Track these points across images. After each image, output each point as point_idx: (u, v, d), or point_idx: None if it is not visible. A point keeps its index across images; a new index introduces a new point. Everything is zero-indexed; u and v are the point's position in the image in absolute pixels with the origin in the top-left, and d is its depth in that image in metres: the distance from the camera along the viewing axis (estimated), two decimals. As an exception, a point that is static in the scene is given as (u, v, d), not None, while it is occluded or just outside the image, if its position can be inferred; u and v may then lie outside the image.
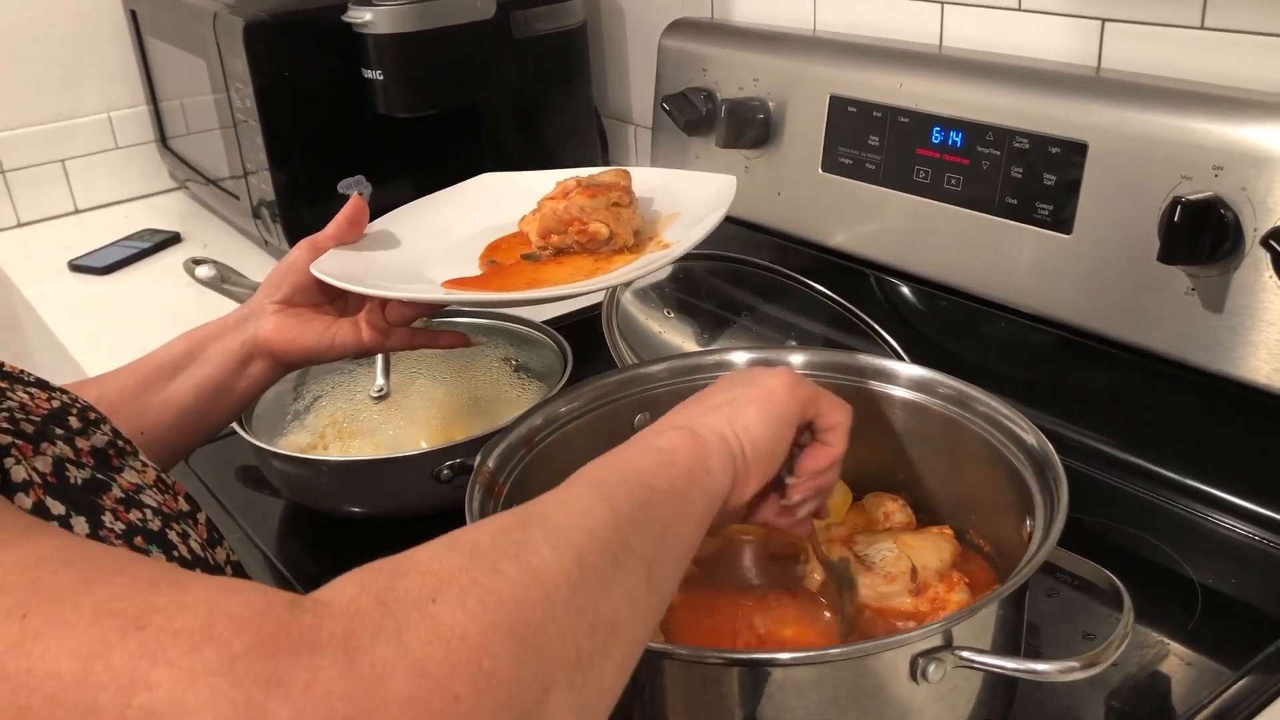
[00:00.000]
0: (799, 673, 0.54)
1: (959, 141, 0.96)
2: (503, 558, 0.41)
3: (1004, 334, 0.98)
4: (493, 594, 0.39)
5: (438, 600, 0.37)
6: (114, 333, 1.30)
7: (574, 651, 0.40)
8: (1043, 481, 0.64)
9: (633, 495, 0.48)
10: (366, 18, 1.25)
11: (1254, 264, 0.78)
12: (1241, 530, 0.83)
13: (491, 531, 0.43)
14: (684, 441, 0.55)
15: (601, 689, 0.42)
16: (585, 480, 0.49)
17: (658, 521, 0.48)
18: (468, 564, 0.40)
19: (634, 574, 0.45)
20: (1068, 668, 0.54)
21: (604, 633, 0.42)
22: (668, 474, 0.51)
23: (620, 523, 0.46)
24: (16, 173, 1.65)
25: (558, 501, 0.47)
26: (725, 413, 0.58)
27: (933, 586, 0.69)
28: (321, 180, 1.32)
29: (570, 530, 0.44)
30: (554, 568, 0.41)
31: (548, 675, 0.38)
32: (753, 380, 0.61)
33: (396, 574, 0.39)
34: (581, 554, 0.43)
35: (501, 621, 0.38)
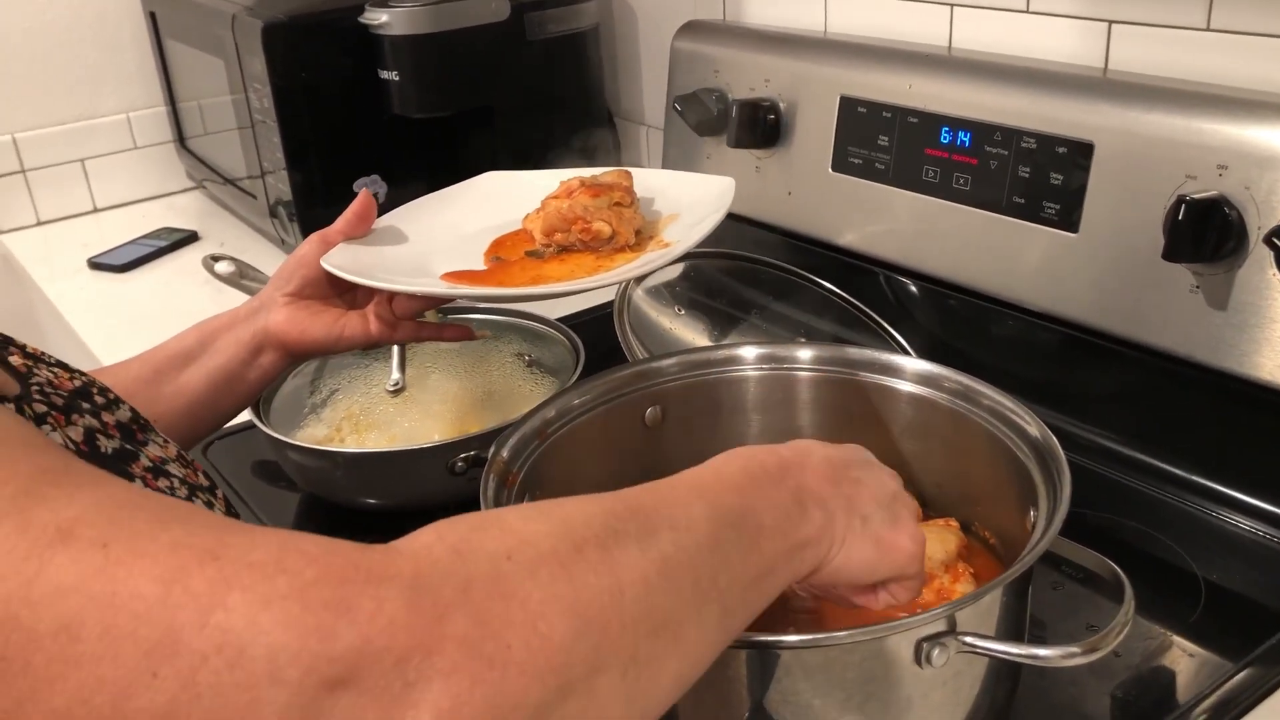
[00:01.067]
0: (806, 656, 0.55)
1: (967, 141, 0.97)
2: (590, 540, 0.42)
3: (1011, 332, 0.99)
4: (565, 571, 0.40)
5: (512, 558, 0.39)
6: (132, 329, 1.32)
7: (632, 646, 0.41)
8: (1046, 472, 0.65)
9: (741, 539, 0.48)
10: (383, 19, 1.27)
11: (1258, 262, 0.79)
12: (1245, 525, 0.84)
13: (588, 511, 0.44)
14: (812, 527, 0.52)
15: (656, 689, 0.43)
16: (708, 500, 0.49)
17: (750, 572, 0.48)
18: (553, 534, 0.41)
19: (709, 605, 0.46)
20: (1069, 653, 0.55)
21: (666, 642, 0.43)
22: (779, 545, 0.50)
23: (716, 558, 0.46)
24: (37, 172, 1.67)
25: (669, 505, 0.47)
26: (855, 528, 0.55)
27: (938, 578, 0.70)
28: (337, 180, 1.34)
29: (666, 542, 0.44)
30: (635, 570, 0.42)
31: (600, 658, 0.39)
32: (896, 517, 0.57)
33: (477, 527, 0.40)
34: (667, 566, 0.44)
35: (565, 596, 0.39)
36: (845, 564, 0.54)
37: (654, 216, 0.85)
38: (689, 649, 0.45)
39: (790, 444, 0.57)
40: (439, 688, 0.35)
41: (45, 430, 0.49)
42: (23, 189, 1.67)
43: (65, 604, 0.33)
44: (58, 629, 0.33)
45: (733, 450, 0.55)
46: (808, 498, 0.53)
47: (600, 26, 1.46)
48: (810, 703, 0.56)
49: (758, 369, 0.80)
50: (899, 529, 0.56)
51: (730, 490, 0.50)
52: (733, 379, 0.81)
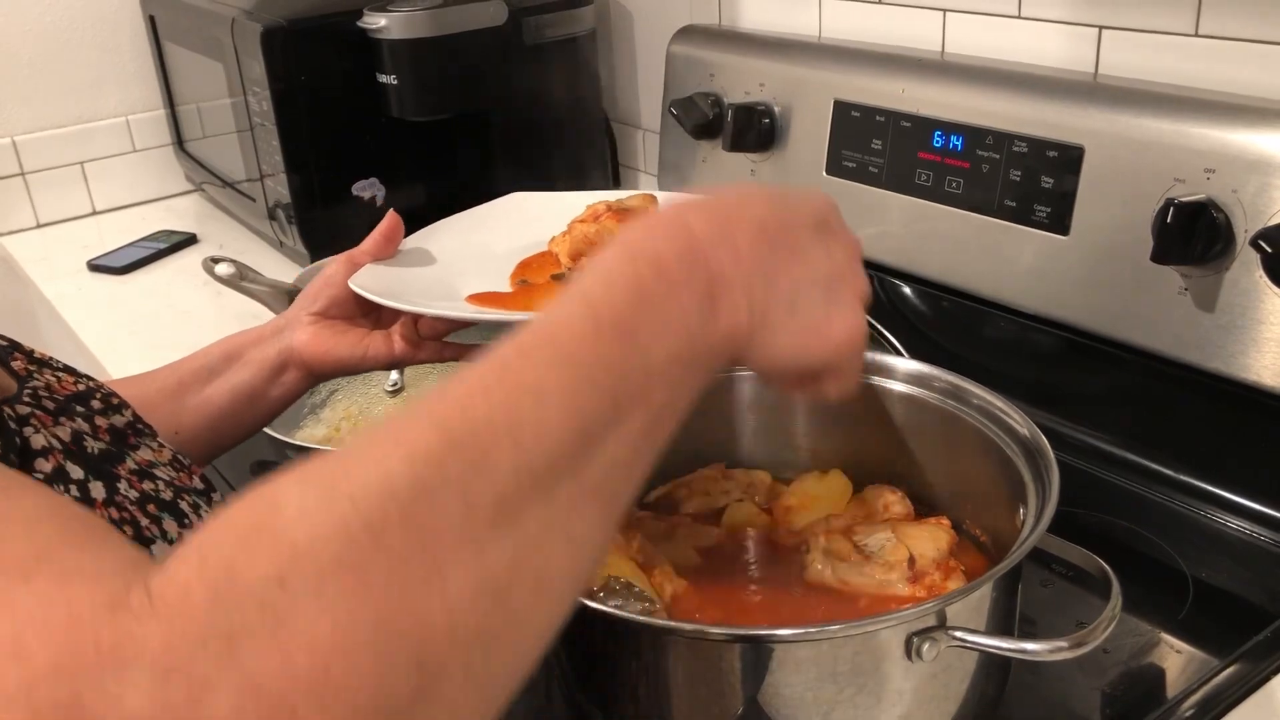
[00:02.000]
0: (798, 649, 0.56)
1: (959, 145, 0.98)
2: (392, 519, 0.32)
3: (1003, 333, 1.00)
4: (360, 577, 0.31)
5: (286, 584, 0.31)
6: (132, 331, 1.33)
7: (471, 631, 0.33)
8: (1035, 470, 0.66)
9: (617, 410, 0.38)
10: (381, 23, 1.28)
11: (1245, 264, 0.80)
12: (1233, 524, 0.85)
13: (392, 467, 0.34)
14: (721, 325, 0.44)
15: (515, 656, 0.35)
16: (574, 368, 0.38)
17: (634, 437, 0.39)
18: (341, 528, 0.32)
19: (582, 513, 0.37)
20: (1056, 647, 0.56)
21: (521, 598, 0.35)
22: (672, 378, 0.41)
23: (582, 447, 0.37)
24: (36, 174, 1.68)
25: (513, 406, 0.36)
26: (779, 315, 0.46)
27: (929, 574, 0.70)
28: (336, 183, 1.35)
29: (505, 474, 0.35)
30: (458, 532, 0.33)
31: (429, 667, 0.32)
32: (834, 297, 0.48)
33: (245, 541, 0.32)
34: (506, 507, 0.34)
35: (364, 615, 0.31)
36: (762, 354, 0.46)
37: None
38: (556, 582, 0.36)
39: (722, 194, 0.48)
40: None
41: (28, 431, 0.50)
42: (22, 191, 1.67)
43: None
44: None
45: (620, 241, 0.44)
46: (719, 289, 0.44)
47: (597, 31, 1.47)
48: (802, 696, 0.57)
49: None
50: (832, 316, 0.48)
51: (610, 331, 0.40)
52: (728, 379, 0.82)
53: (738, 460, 0.84)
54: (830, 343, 0.49)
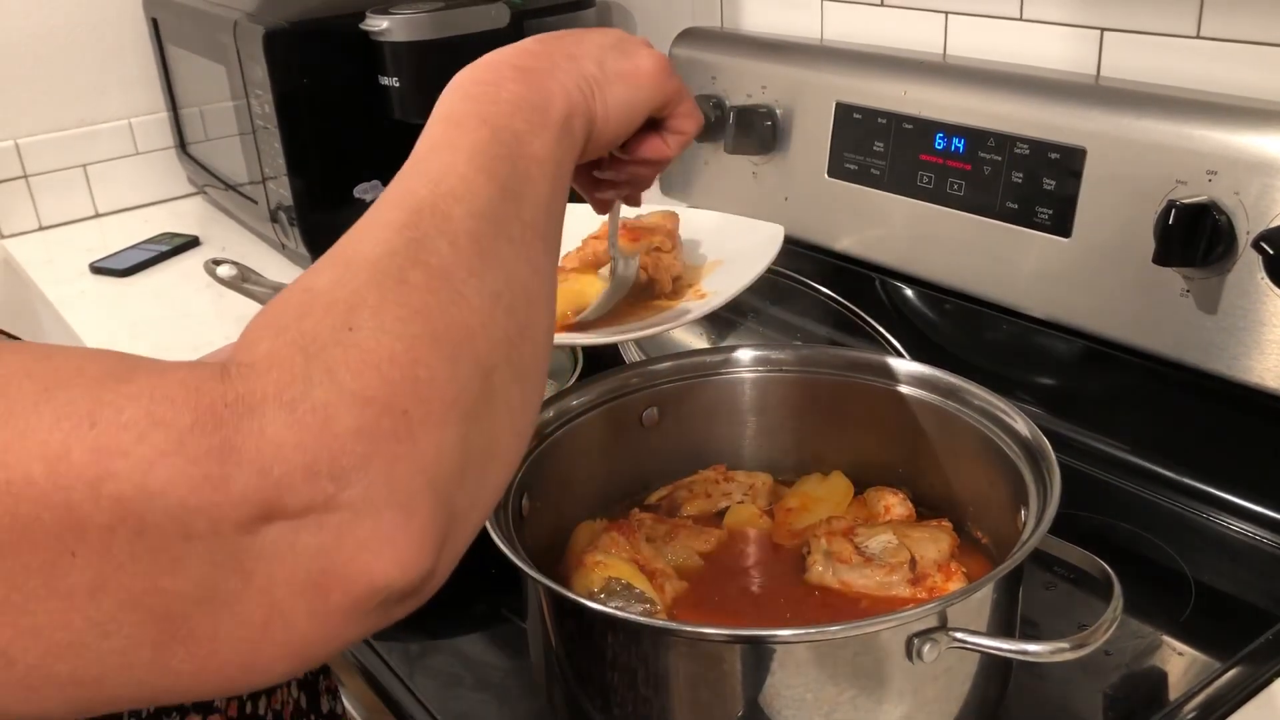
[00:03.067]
0: (799, 650, 0.56)
1: (961, 147, 0.98)
2: (405, 265, 0.41)
3: (1005, 336, 1.00)
4: (405, 307, 0.39)
5: (354, 328, 0.38)
6: (134, 333, 1.33)
7: (500, 333, 0.41)
8: (1036, 471, 0.66)
9: (515, 168, 0.47)
10: (384, 26, 1.28)
11: (1247, 266, 0.80)
12: (1235, 527, 0.85)
13: (383, 236, 0.42)
14: (553, 96, 0.52)
15: (536, 356, 0.44)
16: (461, 147, 0.47)
17: (542, 190, 0.48)
18: (371, 281, 0.40)
19: (532, 246, 0.46)
20: (1058, 649, 0.56)
21: (522, 309, 0.43)
22: (542, 136, 0.50)
23: (509, 199, 0.46)
24: (39, 177, 1.68)
25: (442, 183, 0.45)
26: (591, 73, 0.55)
27: (931, 576, 0.70)
28: (339, 185, 1.35)
29: (463, 219, 0.43)
30: (456, 263, 0.42)
31: (482, 361, 0.40)
32: (626, 51, 0.58)
33: (303, 313, 0.39)
34: (480, 242, 0.43)
35: (421, 331, 0.38)
36: (609, 111, 0.55)
37: (699, 261, 0.84)
38: (541, 300, 0.45)
39: (482, 60, 0.56)
40: (360, 485, 0.35)
41: None
42: (25, 194, 1.68)
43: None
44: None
45: (443, 91, 0.53)
46: (536, 76, 0.52)
47: (599, 34, 1.47)
48: (803, 697, 0.56)
49: (753, 371, 0.81)
50: (634, 57, 0.57)
51: (471, 124, 0.48)
52: (728, 380, 0.82)
53: (739, 462, 0.84)
54: (647, 74, 0.57)
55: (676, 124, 0.62)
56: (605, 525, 0.76)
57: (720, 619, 0.69)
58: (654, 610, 0.67)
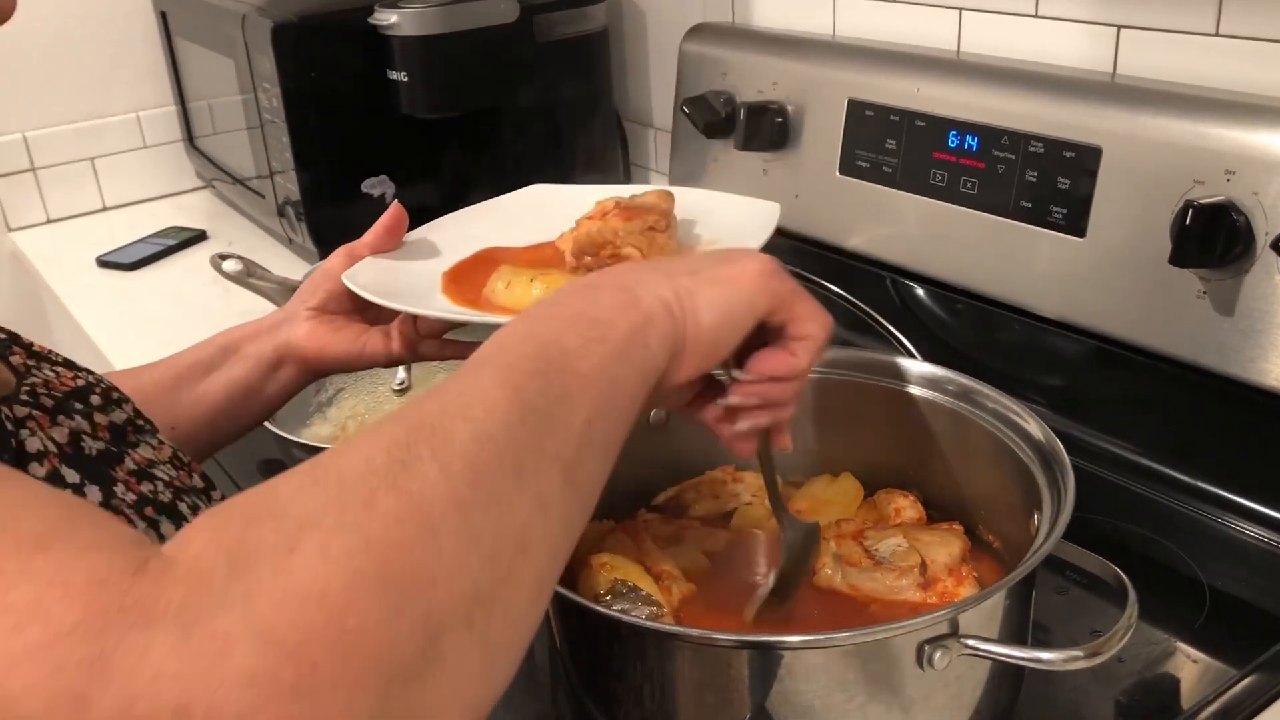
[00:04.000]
0: (807, 656, 0.55)
1: (975, 145, 0.97)
2: (379, 488, 0.36)
3: (1019, 337, 0.99)
4: (360, 536, 0.34)
5: (295, 550, 0.33)
6: (141, 327, 1.33)
7: (469, 586, 0.35)
8: (1049, 475, 0.65)
9: (550, 385, 0.42)
10: (392, 20, 1.28)
11: (1265, 267, 0.79)
12: (1250, 533, 0.84)
13: (369, 453, 0.37)
14: (622, 310, 0.47)
15: (511, 618, 0.37)
16: (496, 364, 0.43)
17: (579, 414, 0.42)
18: (335, 500, 0.35)
19: (547, 479, 0.40)
20: (1071, 657, 0.55)
21: (508, 556, 0.37)
22: (597, 353, 0.44)
23: (531, 421, 0.40)
24: (47, 170, 1.68)
25: (457, 400, 0.40)
26: (681, 283, 0.50)
27: (941, 581, 0.70)
28: (346, 180, 1.34)
29: (466, 442, 0.38)
30: (440, 493, 0.36)
31: (433, 620, 0.34)
32: (728, 259, 0.53)
33: (251, 519, 0.34)
34: (478, 470, 0.37)
35: (369, 569, 0.33)
36: (701, 319, 0.50)
37: (693, 241, 0.82)
38: (540, 547, 0.39)
39: None
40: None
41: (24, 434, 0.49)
42: (33, 187, 1.67)
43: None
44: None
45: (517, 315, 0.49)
46: (602, 295, 0.48)
47: (609, 29, 1.46)
48: (811, 704, 0.56)
49: (762, 371, 0.80)
50: (737, 262, 0.52)
51: (519, 339, 0.44)
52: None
53: (747, 463, 0.82)
54: (749, 274, 0.52)
55: (797, 329, 0.55)
56: (612, 526, 0.75)
57: (727, 622, 0.68)
58: (660, 613, 0.66)
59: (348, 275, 0.76)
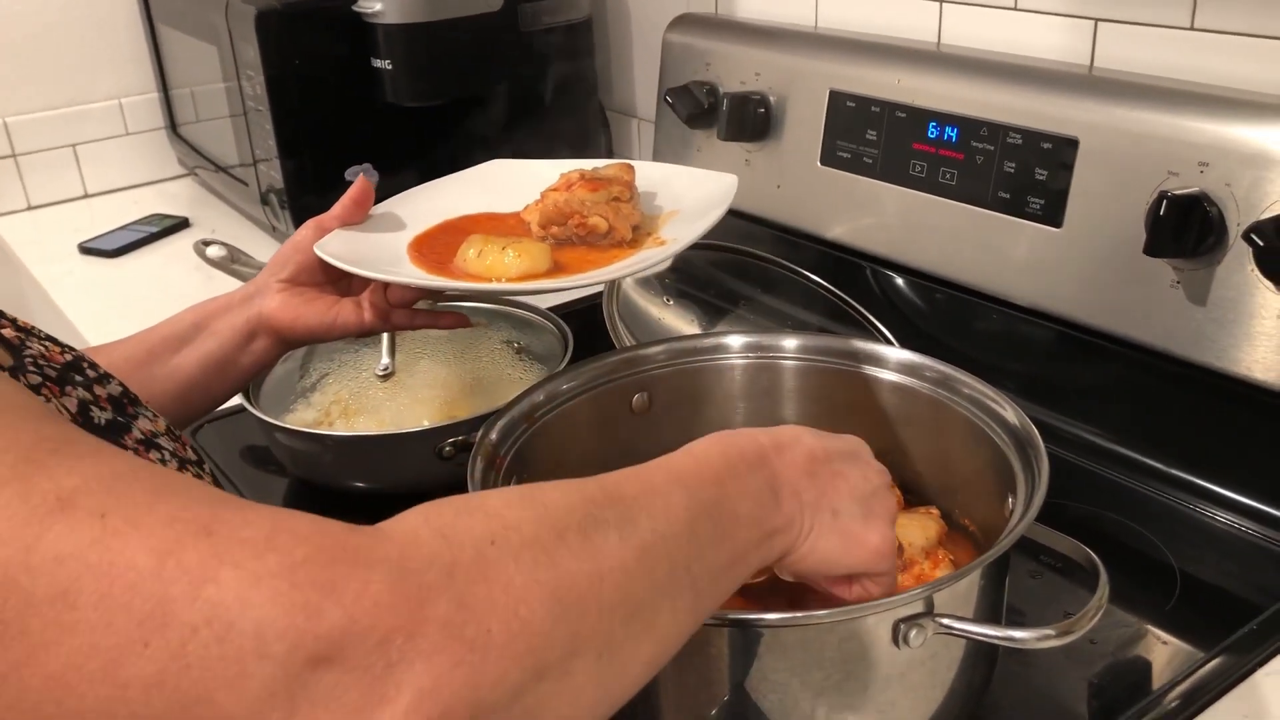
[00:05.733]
0: (785, 634, 0.56)
1: (954, 137, 0.98)
2: (572, 527, 0.43)
3: (997, 326, 1.00)
4: (548, 555, 0.41)
5: (496, 543, 0.40)
6: (123, 314, 1.32)
7: (608, 631, 0.42)
8: (1024, 459, 0.66)
9: (715, 530, 0.49)
10: (376, 8, 1.28)
11: (1237, 257, 0.80)
12: (1221, 518, 0.85)
13: (570, 498, 0.45)
14: (782, 516, 0.54)
15: (628, 672, 0.44)
16: (687, 488, 0.50)
17: (721, 562, 0.50)
18: (536, 520, 0.42)
19: (682, 591, 0.47)
20: (1043, 635, 0.56)
21: (641, 627, 0.44)
22: (751, 534, 0.52)
23: (692, 547, 0.48)
24: (28, 156, 1.67)
25: (649, 493, 0.48)
26: (825, 521, 0.55)
27: (918, 564, 0.71)
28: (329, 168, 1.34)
29: (645, 530, 0.45)
30: (614, 557, 0.43)
31: (577, 642, 0.41)
32: (870, 511, 0.58)
33: (463, 511, 0.41)
34: (645, 554, 0.45)
35: (546, 581, 0.40)
36: (811, 553, 0.55)
37: (655, 211, 0.85)
38: (661, 634, 0.46)
39: (778, 430, 0.58)
40: (420, 668, 0.36)
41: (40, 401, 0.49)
42: (14, 173, 1.67)
43: (63, 571, 0.34)
44: (55, 595, 0.34)
45: (715, 434, 0.55)
46: (782, 487, 0.54)
47: (593, 19, 1.46)
48: (788, 681, 0.57)
49: (744, 357, 0.81)
50: (870, 526, 0.57)
51: (709, 479, 0.51)
52: (719, 366, 0.82)
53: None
54: (866, 550, 0.56)
55: (867, 585, 0.58)
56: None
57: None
58: None
59: (319, 245, 0.78)
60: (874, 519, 0.57)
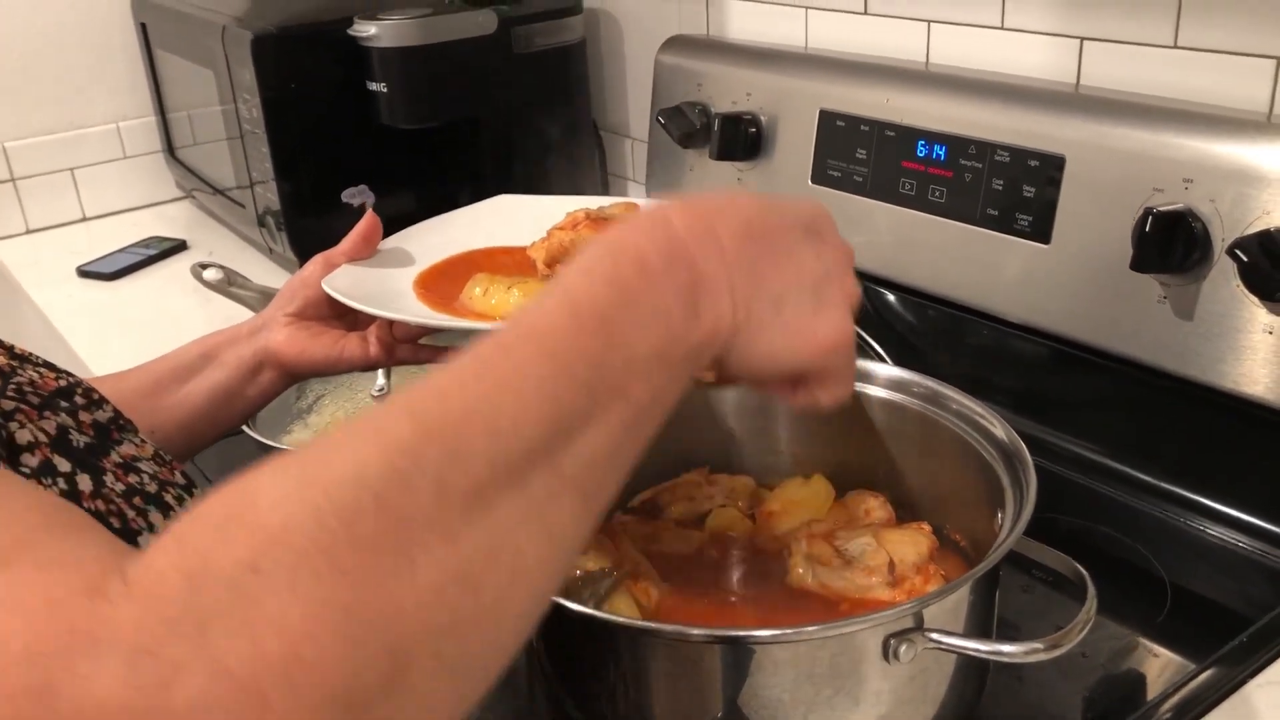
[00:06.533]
0: (776, 651, 0.56)
1: (943, 155, 0.99)
2: (367, 507, 0.33)
3: (987, 341, 1.01)
4: (331, 565, 0.32)
5: (260, 570, 0.31)
6: (121, 337, 1.33)
7: (444, 619, 0.33)
8: (1013, 474, 0.67)
9: (594, 405, 0.38)
10: (372, 31, 1.29)
11: (1223, 273, 0.81)
12: (1211, 531, 0.86)
13: (365, 456, 0.34)
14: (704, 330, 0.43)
15: (490, 645, 0.36)
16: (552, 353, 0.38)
17: (613, 436, 0.39)
18: (314, 517, 0.32)
19: (560, 507, 0.37)
20: (1032, 649, 0.57)
21: (496, 588, 0.35)
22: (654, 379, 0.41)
23: (558, 442, 0.37)
24: (26, 180, 1.68)
25: (486, 403, 0.37)
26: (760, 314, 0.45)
27: (909, 579, 0.71)
28: (326, 190, 1.35)
29: (479, 464, 0.35)
30: (430, 522, 0.34)
31: (399, 653, 0.32)
32: (821, 299, 0.48)
33: (222, 529, 0.33)
34: (482, 499, 0.35)
35: (334, 599, 0.31)
36: (745, 354, 0.46)
37: None
38: (532, 571, 0.36)
39: (707, 198, 0.47)
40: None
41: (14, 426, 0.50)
42: (12, 197, 1.68)
43: None
44: None
45: (604, 237, 0.44)
46: (702, 291, 0.43)
47: (586, 40, 1.48)
48: (780, 698, 0.57)
49: (735, 375, 0.82)
50: (820, 316, 0.48)
51: (589, 325, 0.40)
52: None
53: (721, 465, 0.84)
54: (816, 345, 0.48)
55: (816, 392, 0.52)
56: (589, 528, 0.76)
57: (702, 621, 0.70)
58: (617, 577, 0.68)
59: (327, 281, 0.78)
60: (826, 308, 0.49)
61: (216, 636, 0.30)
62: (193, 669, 0.29)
